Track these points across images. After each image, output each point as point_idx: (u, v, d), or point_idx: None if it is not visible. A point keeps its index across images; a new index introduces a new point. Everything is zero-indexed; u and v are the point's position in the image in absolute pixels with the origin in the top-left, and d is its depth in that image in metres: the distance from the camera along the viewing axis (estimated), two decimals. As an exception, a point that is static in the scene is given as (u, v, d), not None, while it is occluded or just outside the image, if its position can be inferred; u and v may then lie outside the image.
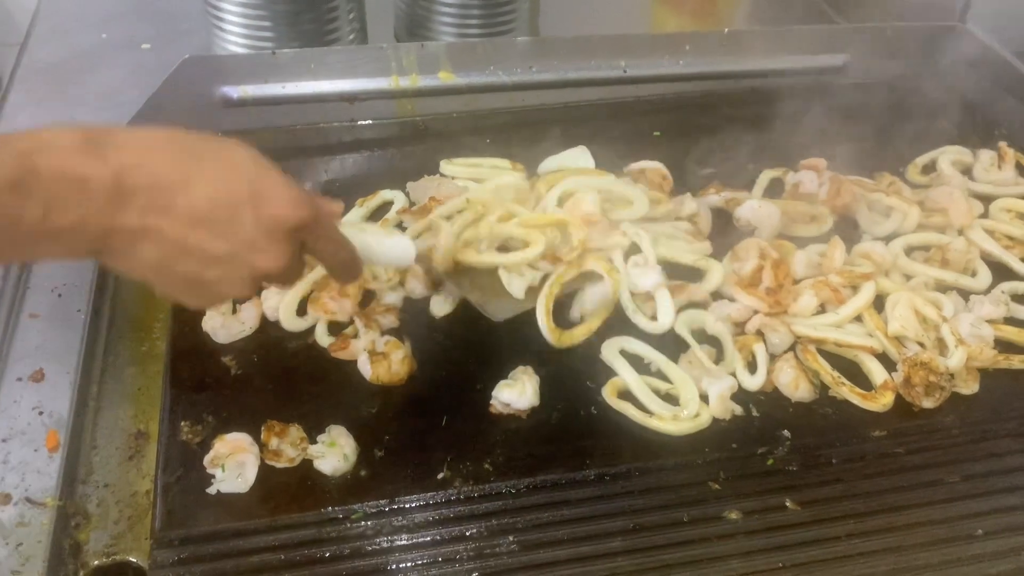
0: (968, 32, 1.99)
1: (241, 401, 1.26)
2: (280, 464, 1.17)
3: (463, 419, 1.26)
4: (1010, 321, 1.43)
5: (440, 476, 1.17)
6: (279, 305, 1.37)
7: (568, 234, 1.40)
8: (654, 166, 1.64)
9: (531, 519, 1.13)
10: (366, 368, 1.29)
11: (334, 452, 1.17)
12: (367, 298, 1.41)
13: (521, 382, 1.26)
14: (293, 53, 1.75)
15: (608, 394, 1.28)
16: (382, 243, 1.16)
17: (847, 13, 2.31)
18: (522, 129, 1.83)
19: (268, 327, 1.38)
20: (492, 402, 1.26)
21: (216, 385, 1.29)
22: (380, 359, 1.29)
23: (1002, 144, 1.73)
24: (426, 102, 1.83)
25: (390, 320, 1.37)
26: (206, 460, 1.17)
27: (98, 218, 0.84)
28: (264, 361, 1.33)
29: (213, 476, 1.15)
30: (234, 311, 1.37)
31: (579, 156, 1.71)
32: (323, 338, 1.35)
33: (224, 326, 1.35)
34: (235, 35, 1.94)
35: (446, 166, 1.68)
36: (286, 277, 1.01)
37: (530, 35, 2.10)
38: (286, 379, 1.30)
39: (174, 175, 0.87)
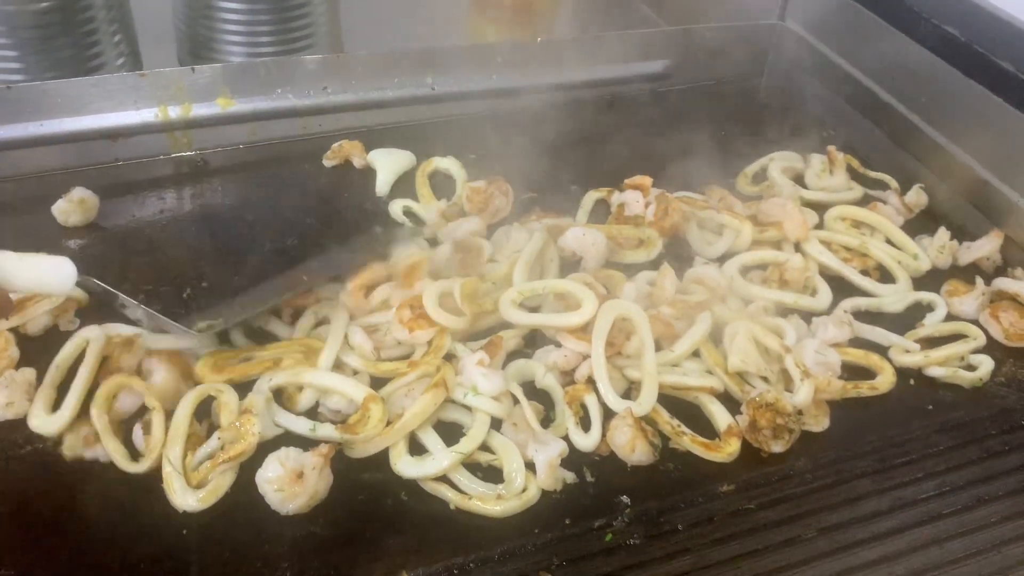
0: (788, 30, 1.91)
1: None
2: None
3: (234, 523, 1.03)
4: (855, 343, 1.32)
5: (210, 607, 0.95)
6: (14, 400, 1.12)
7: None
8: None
9: (326, 648, 0.93)
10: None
11: None
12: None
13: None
14: (31, 87, 1.48)
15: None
16: (24, 263, 1.04)
17: (669, 15, 2.21)
18: (319, 158, 1.61)
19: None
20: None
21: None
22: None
23: (831, 149, 1.64)
24: (204, 134, 1.59)
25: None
26: None
27: None
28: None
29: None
30: (-54, 414, 1.11)
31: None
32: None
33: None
34: (-26, 69, 1.64)
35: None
36: None
37: (332, 52, 1.88)
38: (23, 500, 1.04)
39: None
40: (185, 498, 1.03)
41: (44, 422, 1.10)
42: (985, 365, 1.28)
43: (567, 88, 1.79)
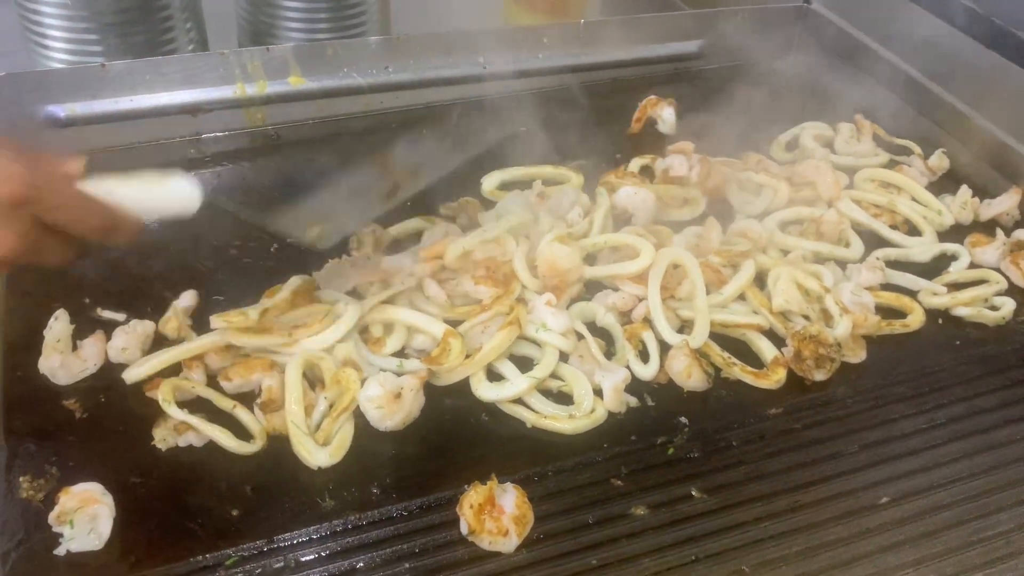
0: (814, 12, 2.03)
1: (89, 447, 1.13)
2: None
3: (341, 441, 1.15)
4: (886, 287, 1.43)
5: (323, 507, 1.07)
6: (129, 346, 1.23)
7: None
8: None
9: (426, 541, 1.05)
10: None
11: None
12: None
13: None
14: (124, 65, 1.60)
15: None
16: (154, 190, 1.04)
17: (695, 2, 2.33)
18: (381, 133, 1.74)
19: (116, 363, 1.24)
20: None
21: (58, 432, 1.14)
22: (270, 407, 1.16)
23: (858, 116, 1.76)
24: (277, 110, 1.72)
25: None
26: (51, 517, 1.02)
27: None
28: (112, 401, 1.19)
29: (61, 535, 1.01)
30: (74, 348, 1.23)
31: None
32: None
33: (63, 365, 1.20)
34: (59, 51, 1.78)
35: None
36: (33, 256, 0.95)
37: (383, 35, 2.01)
38: (140, 420, 1.16)
39: None
40: (317, 456, 1.11)
41: (130, 372, 1.20)
42: (1008, 305, 1.40)
43: (609, 67, 1.91)
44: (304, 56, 1.71)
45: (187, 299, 1.30)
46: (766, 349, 1.31)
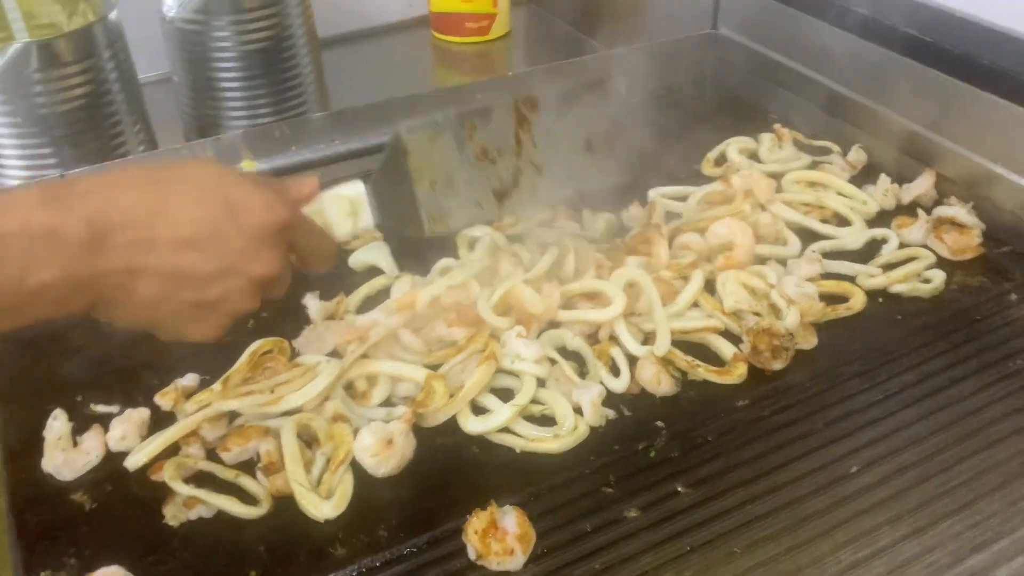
0: (723, 36, 2.17)
1: (103, 535, 1.17)
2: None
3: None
4: (827, 276, 1.54)
5: (336, 555, 1.13)
6: (127, 435, 1.29)
7: None
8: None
9: (438, 572, 1.10)
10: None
11: None
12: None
13: None
14: (83, 172, 1.67)
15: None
16: (334, 207, 1.19)
17: (604, 38, 2.46)
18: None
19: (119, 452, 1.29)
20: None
21: (71, 526, 1.18)
22: (271, 469, 1.22)
23: (777, 126, 1.89)
24: (233, 194, 1.79)
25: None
26: (77, 604, 1.07)
27: (79, 268, 0.85)
28: (119, 488, 1.24)
29: (89, 620, 1.06)
30: (75, 444, 1.27)
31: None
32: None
33: (67, 462, 1.25)
34: (15, 168, 1.84)
35: None
36: (282, 281, 1.06)
37: (322, 111, 2.11)
38: (148, 501, 1.21)
39: (146, 208, 0.88)
40: (322, 509, 1.16)
41: (130, 459, 1.24)
42: (938, 277, 1.51)
43: (541, 112, 2.02)
44: (253, 139, 1.79)
45: (189, 379, 1.37)
46: (725, 348, 1.40)
